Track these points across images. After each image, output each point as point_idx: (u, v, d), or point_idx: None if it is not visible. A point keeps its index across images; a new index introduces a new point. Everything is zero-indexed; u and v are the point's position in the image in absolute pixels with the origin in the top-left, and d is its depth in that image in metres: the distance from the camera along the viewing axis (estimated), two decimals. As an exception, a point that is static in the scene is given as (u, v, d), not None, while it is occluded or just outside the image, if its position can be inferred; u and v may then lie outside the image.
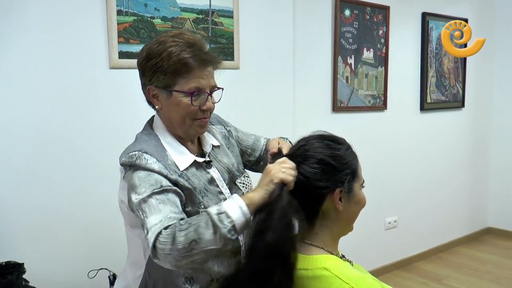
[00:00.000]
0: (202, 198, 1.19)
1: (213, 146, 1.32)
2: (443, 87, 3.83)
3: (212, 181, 1.24)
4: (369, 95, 3.24)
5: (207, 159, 1.27)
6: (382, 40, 3.28)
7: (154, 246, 1.01)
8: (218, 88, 1.25)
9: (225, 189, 1.26)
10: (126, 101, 1.96)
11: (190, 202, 1.16)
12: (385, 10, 3.26)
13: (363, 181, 1.07)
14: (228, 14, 2.33)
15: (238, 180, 1.33)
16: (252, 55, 2.47)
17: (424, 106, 3.65)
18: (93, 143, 1.92)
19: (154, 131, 1.25)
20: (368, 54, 3.19)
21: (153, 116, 1.30)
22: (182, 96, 1.18)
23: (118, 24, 1.93)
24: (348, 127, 3.03)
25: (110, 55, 1.91)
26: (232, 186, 1.31)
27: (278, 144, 1.25)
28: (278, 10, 2.59)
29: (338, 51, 3.00)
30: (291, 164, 1.04)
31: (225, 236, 0.99)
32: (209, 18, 2.25)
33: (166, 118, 1.24)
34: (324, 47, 2.97)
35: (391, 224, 3.51)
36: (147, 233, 1.03)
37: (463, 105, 4.05)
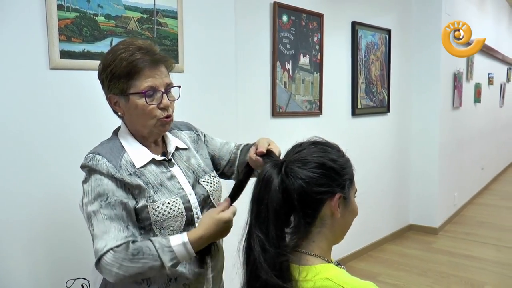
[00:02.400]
0: (154, 193, 1.24)
1: (180, 148, 1.38)
2: (371, 93, 4.04)
3: (172, 178, 1.30)
4: (306, 101, 3.31)
5: (167, 158, 1.33)
6: (317, 47, 3.37)
7: (98, 263, 1.15)
8: (175, 86, 1.31)
9: (186, 186, 1.32)
10: (69, 105, 1.80)
11: (141, 197, 1.22)
12: (319, 17, 3.37)
13: (356, 190, 1.08)
14: (173, 15, 2.25)
15: (202, 179, 1.38)
16: (196, 58, 2.41)
17: (356, 111, 3.82)
18: (34, 151, 1.74)
19: (118, 137, 1.32)
20: (304, 60, 3.27)
21: (119, 126, 1.36)
22: (138, 97, 1.23)
23: (58, 20, 1.77)
24: (286, 132, 3.08)
25: (50, 54, 1.75)
26: (196, 184, 1.36)
27: (268, 145, 1.25)
28: (220, 13, 2.55)
29: (277, 56, 3.04)
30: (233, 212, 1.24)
31: (168, 268, 1.17)
32: (153, 18, 2.16)
33: (130, 123, 1.30)
34: (264, 52, 2.99)
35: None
36: (94, 246, 1.16)
37: (388, 111, 4.29)
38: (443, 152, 4.70)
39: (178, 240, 1.17)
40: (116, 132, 1.34)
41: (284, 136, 2.42)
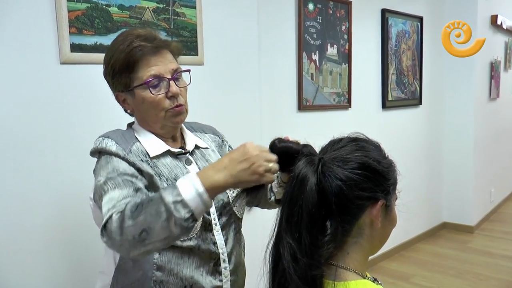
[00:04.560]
0: (166, 185, 1.11)
1: (200, 147, 1.26)
2: (403, 85, 3.83)
3: None
4: (334, 93, 3.14)
5: (184, 150, 1.20)
6: (345, 36, 3.19)
7: (102, 234, 0.97)
8: (183, 71, 1.19)
9: None
10: (82, 101, 1.70)
11: (152, 189, 1.09)
12: (347, 5, 3.18)
13: (397, 198, 0.93)
14: (191, 4, 2.12)
15: None
16: (216, 50, 2.28)
17: (386, 104, 3.62)
18: (45, 149, 1.64)
19: (133, 128, 1.22)
20: (332, 50, 3.09)
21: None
22: (142, 90, 1.12)
23: (69, 11, 1.66)
24: (314, 126, 2.92)
25: (60, 48, 1.64)
26: None
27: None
28: (242, 2, 2.41)
29: (303, 46, 2.87)
30: (274, 157, 0.95)
31: (181, 225, 0.92)
32: (170, 8, 2.03)
33: (141, 120, 1.20)
34: (289, 42, 2.83)
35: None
36: (103, 219, 0.99)
37: (420, 103, 4.07)
38: (478, 146, 4.44)
39: (188, 185, 0.94)
40: (130, 125, 1.25)
41: (312, 131, 2.27)
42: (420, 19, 3.98)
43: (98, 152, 1.13)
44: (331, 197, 0.84)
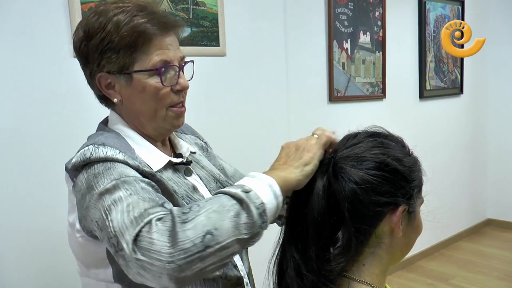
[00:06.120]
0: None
1: (191, 152, 1.05)
2: (442, 73, 3.60)
3: (195, 190, 0.96)
4: (367, 83, 2.97)
5: (184, 159, 0.99)
6: (379, 23, 3.01)
7: (133, 249, 0.69)
8: (188, 61, 0.97)
9: None
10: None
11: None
12: (381, -11, 2.99)
13: (423, 201, 0.80)
14: (212, -7, 2.02)
15: None
16: (239, 40, 2.17)
17: (424, 94, 3.41)
18: (56, 145, 1.59)
19: (115, 131, 0.95)
20: (365, 38, 2.92)
21: (105, 118, 1.01)
22: (147, 76, 0.90)
23: (81, 3, 1.61)
24: (345, 119, 2.77)
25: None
26: None
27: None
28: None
29: (333, 34, 2.72)
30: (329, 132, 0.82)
31: (254, 221, 0.71)
32: (189, -3, 1.94)
33: (129, 113, 0.95)
34: (318, 30, 2.68)
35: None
36: (118, 238, 0.71)
37: (461, 92, 3.83)
38: (527, 137, 4.14)
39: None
40: (104, 122, 0.99)
41: (343, 123, 2.13)
42: (462, 2, 3.73)
43: (87, 164, 0.84)
44: (343, 203, 0.72)
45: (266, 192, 0.73)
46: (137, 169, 0.83)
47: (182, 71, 0.94)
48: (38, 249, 1.58)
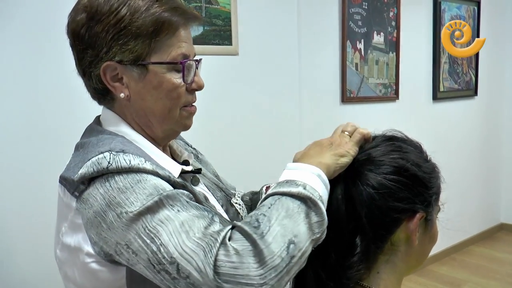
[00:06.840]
0: None
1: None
2: (456, 74, 3.55)
3: (206, 200, 0.84)
4: (380, 84, 2.93)
5: (193, 167, 0.90)
6: (393, 23, 2.97)
7: (214, 276, 0.60)
8: (199, 60, 0.87)
9: (222, 212, 0.89)
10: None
11: None
12: (395, -11, 2.95)
13: (440, 209, 0.77)
14: (225, -9, 2.00)
15: (234, 200, 0.98)
16: (252, 39, 2.15)
17: (437, 95, 3.37)
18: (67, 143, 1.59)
19: (112, 131, 0.83)
20: (378, 38, 2.88)
21: (97, 117, 0.88)
22: (165, 70, 0.79)
23: None
24: (358, 120, 2.70)
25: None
26: (229, 207, 0.94)
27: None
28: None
29: (347, 34, 2.69)
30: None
31: (324, 218, 0.67)
32: (202, -5, 1.93)
33: (136, 112, 0.82)
34: (332, 30, 2.65)
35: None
36: (181, 264, 0.62)
37: (476, 94, 3.77)
38: (542, 140, 4.07)
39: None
40: (99, 128, 0.83)
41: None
42: (478, 3, 3.67)
43: (106, 175, 0.71)
44: (361, 208, 0.70)
45: (317, 183, 0.69)
46: (167, 180, 0.72)
47: (198, 68, 0.86)
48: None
